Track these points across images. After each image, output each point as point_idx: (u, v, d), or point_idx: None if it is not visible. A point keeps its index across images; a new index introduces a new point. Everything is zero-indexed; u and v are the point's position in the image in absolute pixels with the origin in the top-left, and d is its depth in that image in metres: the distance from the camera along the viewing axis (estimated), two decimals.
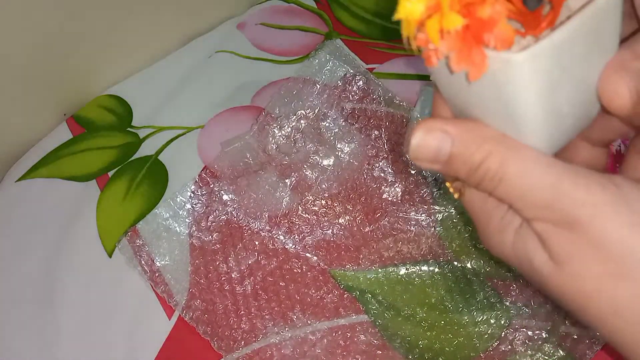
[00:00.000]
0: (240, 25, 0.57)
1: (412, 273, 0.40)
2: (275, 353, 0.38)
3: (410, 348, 0.38)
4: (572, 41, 0.19)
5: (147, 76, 0.54)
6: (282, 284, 0.41)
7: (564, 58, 0.19)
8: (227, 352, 0.38)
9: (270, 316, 0.39)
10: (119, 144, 0.49)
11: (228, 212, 0.44)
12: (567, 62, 0.19)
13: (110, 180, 0.47)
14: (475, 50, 0.18)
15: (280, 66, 0.54)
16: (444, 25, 0.17)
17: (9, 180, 0.48)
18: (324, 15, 0.58)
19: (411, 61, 0.52)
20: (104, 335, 0.40)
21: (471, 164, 0.21)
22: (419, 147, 0.21)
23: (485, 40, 0.18)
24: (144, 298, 0.41)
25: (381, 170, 0.45)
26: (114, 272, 0.42)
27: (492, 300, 0.39)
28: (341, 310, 0.40)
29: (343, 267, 0.41)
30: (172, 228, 0.43)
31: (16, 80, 0.47)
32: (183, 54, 0.56)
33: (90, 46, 0.51)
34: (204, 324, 0.39)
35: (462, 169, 0.21)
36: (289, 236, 0.43)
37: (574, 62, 0.19)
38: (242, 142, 0.47)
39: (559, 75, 0.19)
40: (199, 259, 0.42)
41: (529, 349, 0.37)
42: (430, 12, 0.17)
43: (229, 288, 0.41)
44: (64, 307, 0.41)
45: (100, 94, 0.53)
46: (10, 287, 0.42)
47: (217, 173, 0.46)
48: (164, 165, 0.48)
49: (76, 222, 0.45)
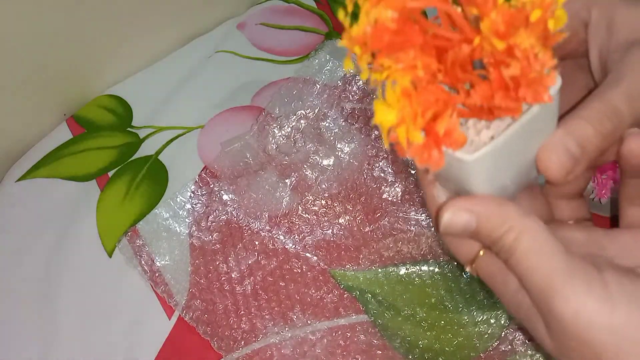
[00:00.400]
0: (240, 25, 0.57)
1: (412, 273, 0.40)
2: (275, 353, 0.38)
3: (410, 348, 0.38)
4: (512, 142, 0.23)
5: (147, 76, 0.54)
6: (282, 284, 0.41)
7: (505, 154, 0.23)
8: (227, 352, 0.38)
9: (270, 316, 0.39)
10: (119, 144, 0.49)
11: (228, 212, 0.44)
12: (509, 155, 0.23)
13: (110, 180, 0.47)
14: (434, 152, 0.21)
15: (280, 66, 0.54)
16: (409, 137, 0.21)
17: (9, 180, 0.48)
18: (324, 15, 0.58)
19: None
20: (104, 335, 0.40)
21: (492, 238, 0.24)
22: (449, 226, 0.24)
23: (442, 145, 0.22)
24: (144, 298, 0.41)
25: (381, 170, 0.45)
26: (114, 272, 0.42)
27: (492, 300, 0.39)
28: (341, 310, 0.40)
29: (343, 267, 0.41)
30: (172, 228, 0.43)
31: (16, 81, 0.47)
32: (183, 54, 0.56)
33: (90, 46, 0.51)
34: (204, 324, 0.39)
35: (484, 241, 0.25)
36: (289, 236, 0.43)
37: (514, 154, 0.24)
38: (242, 142, 0.47)
39: (502, 164, 0.24)
40: (199, 259, 0.42)
41: (529, 349, 0.37)
42: (399, 122, 0.21)
43: (229, 288, 0.41)
44: (63, 307, 0.41)
45: (100, 94, 0.53)
46: (10, 287, 0.42)
47: (217, 173, 0.46)
48: (164, 165, 0.48)
49: (76, 222, 0.45)
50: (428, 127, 0.21)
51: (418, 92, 0.21)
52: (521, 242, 0.23)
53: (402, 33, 0.20)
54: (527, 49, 0.20)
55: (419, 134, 0.21)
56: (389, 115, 0.21)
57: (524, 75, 0.21)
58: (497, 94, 0.21)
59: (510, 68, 0.20)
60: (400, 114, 0.21)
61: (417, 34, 0.21)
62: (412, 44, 0.21)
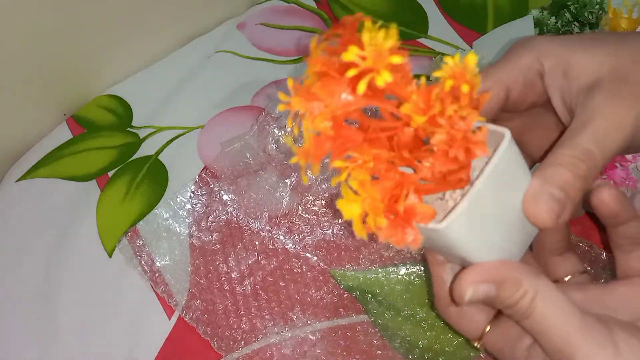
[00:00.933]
0: (240, 25, 0.57)
1: (412, 273, 0.40)
2: (275, 353, 0.38)
3: (410, 348, 0.38)
4: (481, 198, 0.24)
5: (147, 76, 0.54)
6: (282, 284, 0.41)
7: (478, 211, 0.24)
8: (227, 352, 0.38)
9: (270, 316, 0.40)
10: (119, 144, 0.49)
11: (228, 212, 0.44)
12: (484, 212, 0.24)
13: (110, 180, 0.47)
14: (408, 230, 0.23)
15: (280, 66, 0.54)
16: (376, 223, 0.23)
17: (9, 180, 0.48)
18: (324, 15, 0.58)
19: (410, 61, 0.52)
20: (104, 335, 0.40)
21: (508, 303, 0.26)
22: (471, 300, 0.26)
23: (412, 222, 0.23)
24: (144, 298, 0.41)
25: None
26: (114, 272, 0.42)
27: None
28: (341, 310, 0.40)
29: (343, 267, 0.41)
30: (172, 228, 0.43)
31: (16, 81, 0.48)
32: (183, 54, 0.56)
33: (90, 46, 0.51)
34: (204, 324, 0.39)
35: (499, 306, 0.26)
36: (289, 236, 0.43)
37: (491, 209, 0.25)
38: (242, 142, 0.47)
39: (481, 222, 0.25)
40: (199, 259, 0.42)
41: None
42: (363, 213, 0.23)
43: (229, 288, 0.41)
44: (63, 307, 0.41)
45: (100, 94, 0.53)
46: (10, 287, 0.42)
47: (217, 173, 0.46)
48: (164, 165, 0.48)
49: (76, 222, 0.45)
50: (392, 210, 0.23)
51: (374, 182, 0.23)
52: (537, 305, 0.25)
53: (341, 137, 0.22)
54: (451, 115, 0.22)
55: (383, 219, 0.23)
56: (353, 209, 0.23)
57: (452, 139, 0.22)
58: (438, 162, 0.23)
59: (436, 135, 0.22)
60: (362, 206, 0.23)
61: (356, 134, 0.23)
62: (354, 143, 0.23)
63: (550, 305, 0.25)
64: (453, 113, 0.22)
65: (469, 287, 0.26)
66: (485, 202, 0.24)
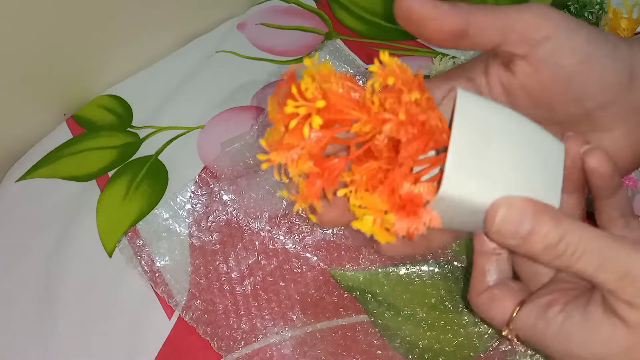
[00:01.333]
0: (240, 25, 0.57)
1: (412, 273, 0.40)
2: (275, 353, 0.38)
3: (410, 348, 0.38)
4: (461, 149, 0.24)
5: (147, 76, 0.54)
6: (282, 284, 0.41)
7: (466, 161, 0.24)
8: (227, 352, 0.38)
9: (270, 316, 0.40)
10: (119, 144, 0.49)
11: (228, 212, 0.44)
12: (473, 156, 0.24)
13: (110, 180, 0.47)
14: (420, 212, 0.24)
15: (280, 66, 0.54)
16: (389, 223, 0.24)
17: (9, 180, 0.48)
18: (324, 15, 0.58)
19: (410, 61, 0.52)
20: (104, 335, 0.40)
21: (549, 240, 0.23)
22: (503, 223, 0.23)
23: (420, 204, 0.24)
24: (144, 298, 0.41)
25: None
26: (114, 272, 0.42)
27: None
28: (341, 310, 0.40)
29: (343, 267, 0.41)
30: (172, 228, 0.43)
31: (16, 80, 0.48)
32: (183, 54, 0.56)
33: (90, 46, 0.51)
34: (204, 324, 0.39)
35: (539, 245, 0.24)
36: (289, 236, 0.43)
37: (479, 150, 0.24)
38: (242, 142, 0.47)
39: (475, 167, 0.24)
40: (199, 259, 0.42)
41: (528, 349, 0.37)
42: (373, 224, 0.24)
43: (229, 288, 0.41)
44: (63, 307, 0.41)
45: (100, 94, 0.53)
46: (10, 287, 0.42)
47: (217, 173, 0.46)
48: (164, 165, 0.48)
49: (76, 222, 0.45)
50: (394, 204, 0.24)
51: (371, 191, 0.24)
52: (589, 241, 0.23)
53: (326, 169, 0.24)
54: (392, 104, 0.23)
55: (391, 216, 0.24)
56: (367, 224, 0.24)
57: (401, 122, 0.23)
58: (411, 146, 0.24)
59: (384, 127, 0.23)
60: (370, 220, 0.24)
61: (338, 161, 0.24)
62: (340, 169, 0.24)
63: (602, 238, 0.24)
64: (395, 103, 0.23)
65: (500, 206, 0.23)
66: (470, 146, 0.24)
